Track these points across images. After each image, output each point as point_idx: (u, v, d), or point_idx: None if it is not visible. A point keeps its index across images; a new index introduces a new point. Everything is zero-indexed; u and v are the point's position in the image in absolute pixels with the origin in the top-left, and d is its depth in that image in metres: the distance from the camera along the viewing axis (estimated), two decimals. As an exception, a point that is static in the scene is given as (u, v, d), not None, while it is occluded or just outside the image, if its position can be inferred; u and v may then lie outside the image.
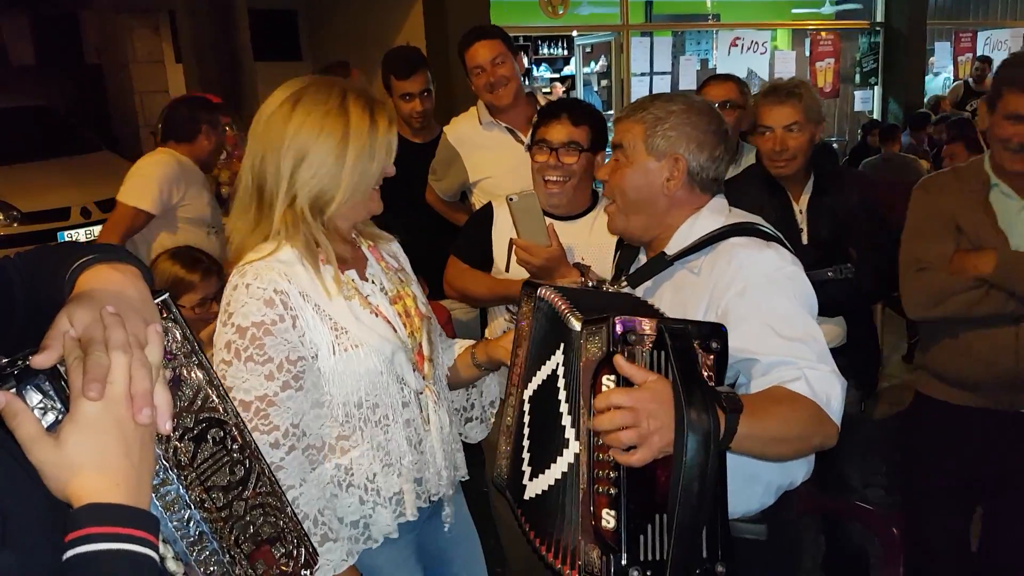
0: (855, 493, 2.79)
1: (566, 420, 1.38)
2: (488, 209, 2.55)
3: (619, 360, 1.23)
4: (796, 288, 1.54)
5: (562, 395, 1.40)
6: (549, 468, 1.42)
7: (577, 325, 1.33)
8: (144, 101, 9.36)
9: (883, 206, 2.72)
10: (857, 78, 10.03)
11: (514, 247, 2.20)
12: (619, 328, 1.25)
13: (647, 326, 1.26)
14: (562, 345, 1.41)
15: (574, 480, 1.34)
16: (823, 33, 9.70)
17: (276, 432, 1.50)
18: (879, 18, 10.01)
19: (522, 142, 3.06)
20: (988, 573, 2.43)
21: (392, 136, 1.60)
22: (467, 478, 1.85)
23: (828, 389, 1.43)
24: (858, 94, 10.00)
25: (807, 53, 9.59)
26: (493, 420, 1.96)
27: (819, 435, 1.43)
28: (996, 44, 10.92)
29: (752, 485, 1.55)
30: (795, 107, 2.57)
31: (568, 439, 1.37)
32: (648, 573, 1.21)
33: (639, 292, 1.68)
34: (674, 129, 1.62)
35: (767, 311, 1.48)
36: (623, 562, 1.21)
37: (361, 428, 1.60)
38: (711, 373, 1.30)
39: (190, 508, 0.93)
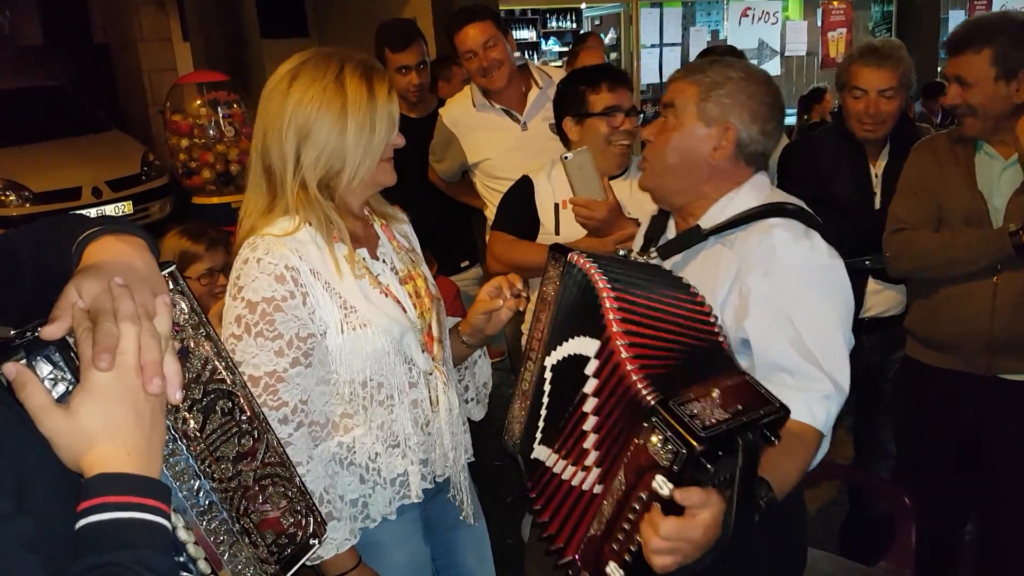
0: (890, 460, 2.79)
1: (590, 442, 1.31)
2: (526, 180, 2.57)
3: (679, 495, 1.12)
4: (828, 281, 1.49)
5: (590, 407, 1.32)
6: (563, 458, 1.39)
7: (651, 400, 1.18)
8: (152, 80, 9.37)
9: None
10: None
11: (573, 205, 2.21)
12: (698, 455, 1.10)
13: (721, 442, 1.12)
14: (599, 344, 1.32)
15: (589, 504, 1.30)
16: (835, 2, 9.57)
17: (285, 408, 1.50)
18: (892, -14, 9.87)
19: (518, 121, 3.05)
20: (986, 544, 2.43)
21: (392, 105, 1.57)
22: (473, 459, 1.85)
23: (829, 411, 1.42)
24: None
25: (819, 23, 9.48)
26: (487, 400, 1.96)
27: (816, 456, 1.44)
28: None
29: None
30: (893, 72, 2.54)
31: (590, 466, 1.31)
32: None
33: (667, 264, 1.62)
34: (729, 96, 1.55)
35: (789, 305, 1.44)
36: None
37: (365, 407, 1.59)
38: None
39: (200, 478, 0.94)
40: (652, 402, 1.17)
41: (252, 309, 1.49)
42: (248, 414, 1.02)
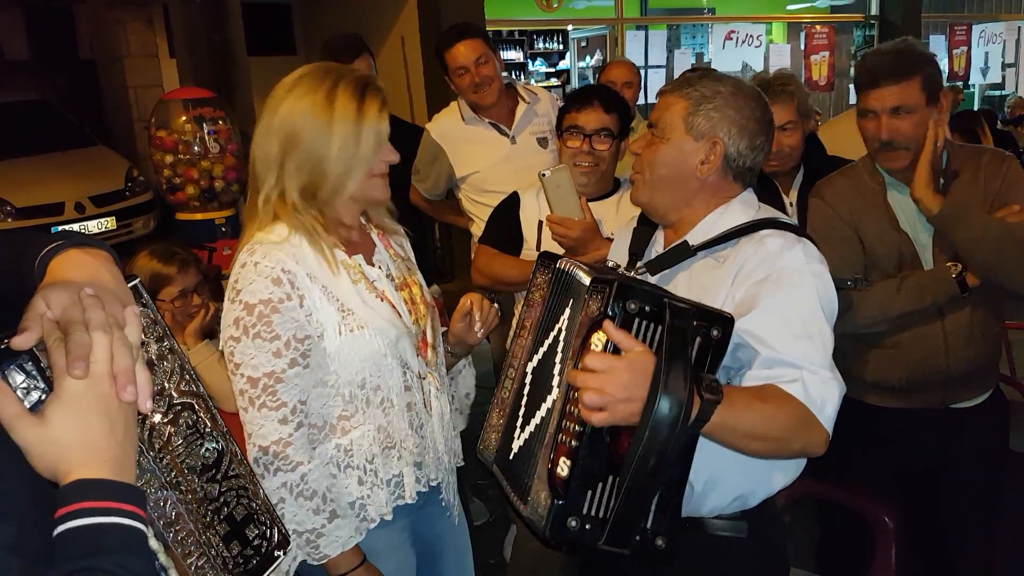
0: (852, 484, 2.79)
1: (556, 369, 1.39)
2: (513, 196, 2.60)
3: (608, 325, 1.24)
4: (819, 286, 1.48)
5: (560, 348, 1.40)
6: (533, 418, 1.43)
7: (587, 280, 1.35)
8: (138, 95, 9.35)
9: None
10: (852, 71, 10.04)
11: (548, 223, 2.23)
12: (621, 292, 1.25)
13: (651, 299, 1.27)
14: (571, 302, 1.40)
15: (546, 425, 1.35)
16: (818, 27, 9.71)
17: (284, 408, 1.52)
18: (874, 11, 10.03)
19: (506, 135, 3.08)
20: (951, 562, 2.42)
21: (382, 123, 1.59)
22: (463, 464, 1.87)
23: (824, 394, 1.38)
24: (853, 87, 9.99)
25: (802, 47, 9.60)
26: (469, 411, 1.98)
27: (801, 440, 1.38)
28: (991, 37, 10.93)
29: (713, 490, 1.53)
30: (789, 105, 2.48)
31: (552, 386, 1.38)
32: (587, 527, 1.25)
33: (655, 279, 1.62)
34: (718, 111, 1.54)
35: (785, 303, 1.43)
36: (565, 509, 1.24)
37: (363, 409, 1.62)
38: (704, 359, 1.29)
39: (166, 489, 0.94)
40: (589, 277, 1.34)
41: (250, 311, 1.52)
42: (212, 427, 1.02)
